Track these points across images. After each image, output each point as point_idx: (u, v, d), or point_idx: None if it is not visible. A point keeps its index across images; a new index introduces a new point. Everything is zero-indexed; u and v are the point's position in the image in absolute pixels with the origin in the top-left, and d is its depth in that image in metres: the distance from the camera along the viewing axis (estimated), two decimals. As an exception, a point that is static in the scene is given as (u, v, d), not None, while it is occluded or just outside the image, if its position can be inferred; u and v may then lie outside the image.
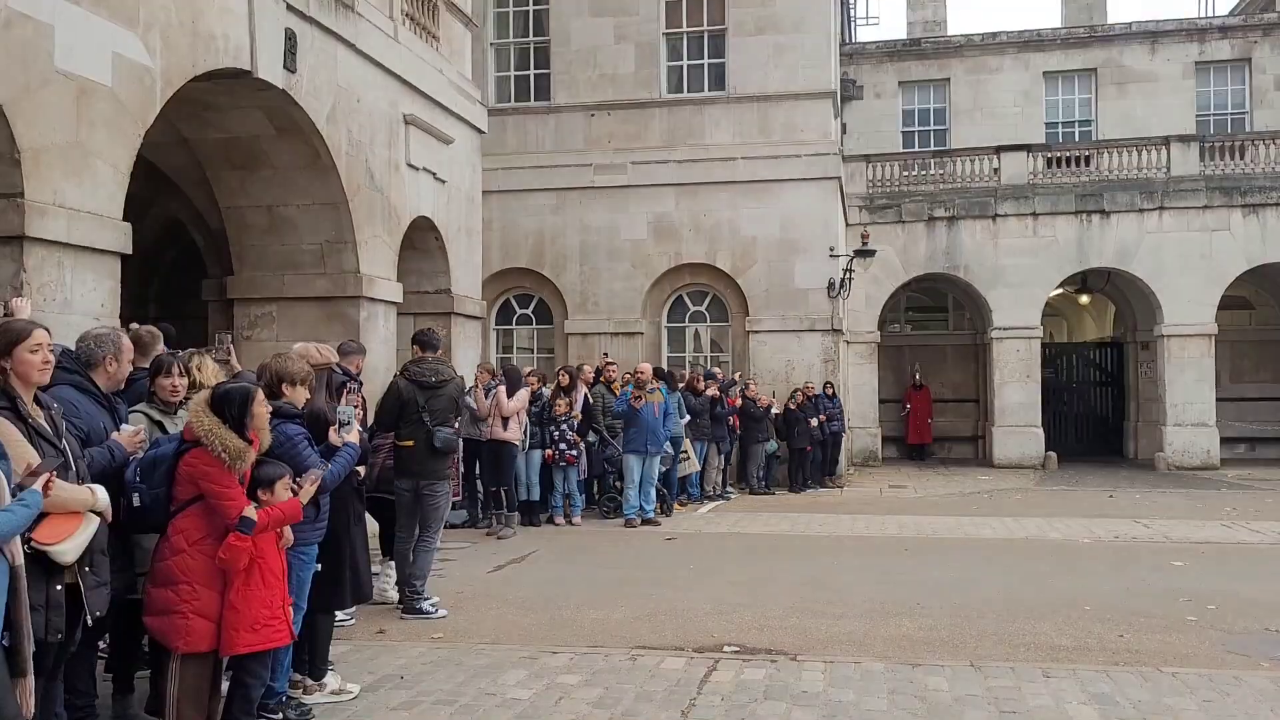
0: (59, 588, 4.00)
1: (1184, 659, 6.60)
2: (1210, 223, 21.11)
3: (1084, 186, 21.77)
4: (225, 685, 4.88)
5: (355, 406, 5.93)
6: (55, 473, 3.89)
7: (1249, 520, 13.36)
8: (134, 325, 6.37)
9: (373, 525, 9.08)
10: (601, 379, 14.21)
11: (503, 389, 11.95)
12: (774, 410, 17.07)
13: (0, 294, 6.38)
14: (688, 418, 14.71)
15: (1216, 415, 21.40)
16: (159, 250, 13.75)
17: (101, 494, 4.24)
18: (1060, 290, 23.66)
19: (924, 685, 5.91)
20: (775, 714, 5.43)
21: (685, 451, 14.66)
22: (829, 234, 18.24)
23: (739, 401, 16.44)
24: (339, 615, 7.03)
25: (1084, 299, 25.86)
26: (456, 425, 8.30)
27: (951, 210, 22.00)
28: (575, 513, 13.07)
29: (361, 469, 5.95)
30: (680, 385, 15.30)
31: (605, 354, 17.24)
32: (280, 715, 5.24)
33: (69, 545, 4.02)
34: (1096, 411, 26.02)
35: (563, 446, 12.75)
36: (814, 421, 17.13)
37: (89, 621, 4.20)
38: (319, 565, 5.41)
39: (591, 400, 13.72)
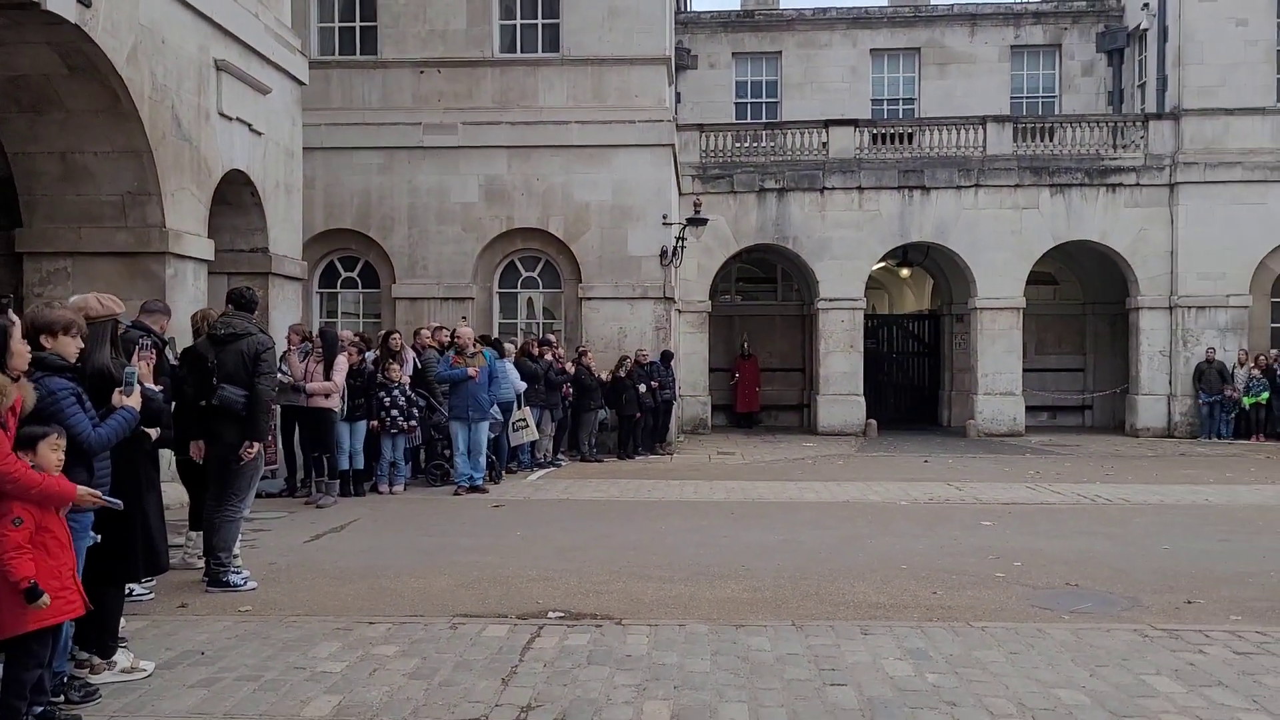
0: None
1: (992, 614, 6.86)
2: (1021, 201, 22.16)
3: (906, 162, 22.50)
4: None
5: (146, 361, 5.43)
6: None
7: (1051, 483, 14.12)
8: None
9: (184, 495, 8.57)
10: (435, 343, 13.84)
11: (320, 367, 11.43)
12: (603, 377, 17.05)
13: None
14: (524, 385, 14.48)
15: (1022, 385, 22.61)
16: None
17: None
18: (883, 263, 24.46)
19: (747, 646, 5.93)
20: (598, 678, 5.33)
21: (524, 419, 14.40)
22: (662, 202, 18.26)
23: (573, 369, 16.32)
24: (136, 589, 6.58)
25: (905, 272, 26.85)
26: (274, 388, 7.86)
27: (781, 182, 22.37)
28: (400, 480, 12.67)
29: (154, 431, 5.50)
30: (514, 352, 15.06)
31: (464, 317, 16.87)
32: (62, 698, 4.81)
33: None
34: (914, 381, 27.13)
35: (394, 414, 12.32)
36: (643, 388, 17.16)
37: None
38: (96, 536, 4.94)
39: (420, 366, 13.33)
